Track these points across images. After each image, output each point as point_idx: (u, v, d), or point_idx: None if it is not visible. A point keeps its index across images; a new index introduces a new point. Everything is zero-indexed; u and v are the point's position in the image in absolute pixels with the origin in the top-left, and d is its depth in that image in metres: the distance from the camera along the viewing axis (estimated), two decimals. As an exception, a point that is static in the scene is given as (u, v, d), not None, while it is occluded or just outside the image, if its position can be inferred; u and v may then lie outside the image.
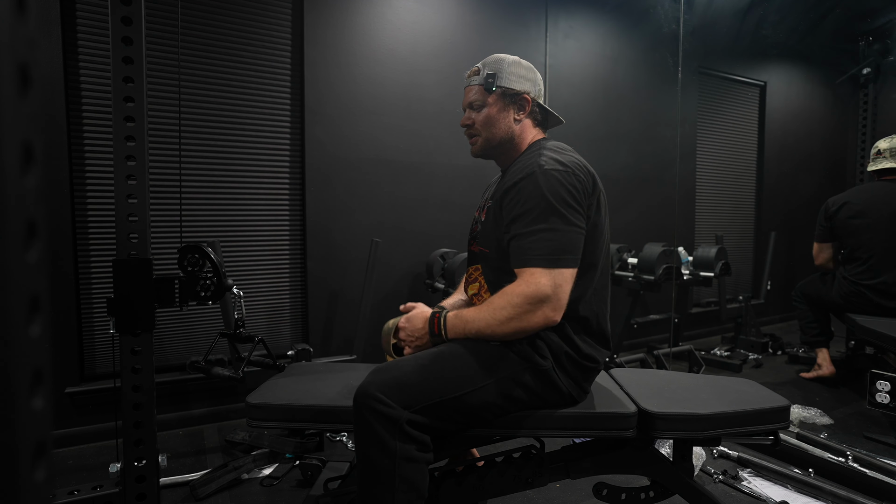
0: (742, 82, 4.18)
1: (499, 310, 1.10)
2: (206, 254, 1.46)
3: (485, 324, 1.12)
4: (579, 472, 1.27)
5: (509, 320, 1.09)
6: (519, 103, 1.27)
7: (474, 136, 1.30)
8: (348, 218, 2.66)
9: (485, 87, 1.25)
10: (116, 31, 1.31)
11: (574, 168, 1.15)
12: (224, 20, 2.37)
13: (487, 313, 1.12)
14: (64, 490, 1.52)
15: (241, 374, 1.80)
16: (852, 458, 1.80)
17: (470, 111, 1.30)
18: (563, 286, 1.09)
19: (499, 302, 1.11)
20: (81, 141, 2.14)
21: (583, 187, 1.14)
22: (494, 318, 1.10)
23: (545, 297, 1.07)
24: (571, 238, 1.11)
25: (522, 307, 1.08)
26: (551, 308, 1.08)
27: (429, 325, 1.19)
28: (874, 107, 3.63)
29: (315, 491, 1.65)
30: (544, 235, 1.09)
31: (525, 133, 1.30)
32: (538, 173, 1.13)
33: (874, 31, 3.68)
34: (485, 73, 1.26)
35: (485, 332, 1.12)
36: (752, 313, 3.49)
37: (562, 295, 1.09)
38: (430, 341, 1.20)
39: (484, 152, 1.31)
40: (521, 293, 1.09)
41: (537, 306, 1.08)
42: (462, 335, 1.15)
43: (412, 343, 1.22)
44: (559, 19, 3.22)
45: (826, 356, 2.86)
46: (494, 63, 1.27)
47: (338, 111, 2.61)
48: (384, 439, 1.02)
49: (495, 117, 1.26)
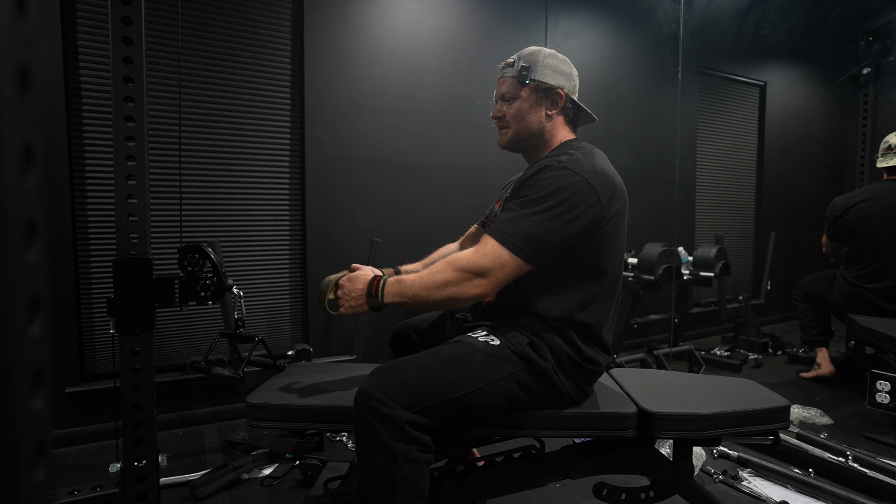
0: (742, 82, 4.18)
1: (438, 274, 1.11)
2: (206, 254, 1.46)
3: (421, 286, 1.11)
4: (579, 472, 1.27)
5: (446, 285, 1.09)
6: (552, 98, 1.25)
7: (504, 128, 1.29)
8: (348, 218, 2.66)
9: (518, 79, 1.24)
10: (116, 31, 1.31)
11: (590, 176, 1.12)
12: (224, 20, 2.37)
13: (427, 277, 1.11)
14: (64, 490, 1.52)
15: (242, 374, 1.80)
16: (852, 458, 1.80)
17: (501, 103, 1.28)
18: (506, 269, 1.09)
19: (443, 266, 1.12)
20: (81, 141, 2.14)
21: (591, 197, 1.11)
22: (432, 282, 1.10)
23: (484, 269, 1.08)
24: (543, 237, 1.09)
25: (463, 274, 1.09)
26: (488, 282, 1.09)
27: (367, 286, 1.16)
28: (874, 107, 3.63)
29: (315, 491, 1.65)
30: (521, 219, 1.10)
31: (556, 130, 1.28)
32: (554, 168, 1.12)
33: (874, 31, 3.68)
34: (519, 66, 1.24)
35: (420, 296, 1.11)
36: (752, 313, 3.49)
37: (501, 275, 1.09)
38: (364, 303, 1.16)
39: (512, 145, 1.30)
40: (464, 260, 1.10)
41: (475, 277, 1.09)
42: (398, 299, 1.13)
43: (347, 303, 1.18)
44: (559, 19, 3.22)
45: (825, 355, 2.87)
46: (530, 55, 1.25)
47: (338, 111, 2.61)
48: (385, 440, 1.01)
49: (527, 111, 1.25)
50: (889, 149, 2.61)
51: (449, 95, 2.87)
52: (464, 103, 2.91)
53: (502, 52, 3.20)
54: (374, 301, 1.15)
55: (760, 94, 4.30)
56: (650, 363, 3.02)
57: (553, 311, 1.16)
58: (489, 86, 1.38)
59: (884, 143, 2.65)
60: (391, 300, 1.14)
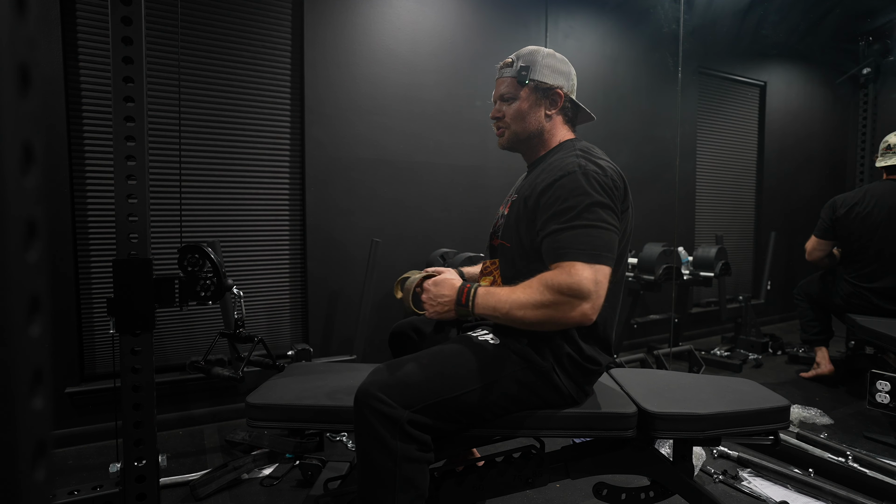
0: (742, 82, 4.18)
1: (535, 293, 1.04)
2: (206, 254, 1.46)
3: (518, 304, 1.05)
4: (579, 472, 1.27)
5: (544, 306, 1.03)
6: (551, 98, 1.25)
7: (502, 128, 1.29)
8: (348, 218, 2.66)
9: (517, 79, 1.24)
10: (116, 31, 1.31)
11: (611, 172, 1.14)
12: (224, 20, 2.37)
13: (522, 294, 1.06)
14: (64, 490, 1.52)
15: (241, 374, 1.80)
16: (852, 458, 1.79)
17: (500, 103, 1.28)
18: (603, 283, 1.05)
19: (536, 286, 1.05)
20: (81, 141, 2.14)
21: (619, 191, 1.14)
22: (529, 301, 1.04)
23: (587, 291, 1.02)
24: (611, 237, 1.09)
25: (561, 297, 1.02)
26: (590, 305, 1.03)
27: (457, 294, 1.13)
28: (874, 107, 3.63)
29: (315, 491, 1.65)
30: (586, 231, 1.06)
31: (555, 129, 1.28)
32: (579, 173, 1.11)
33: (874, 31, 3.68)
34: (518, 66, 1.24)
35: (514, 314, 1.06)
36: (752, 313, 3.49)
37: (602, 292, 1.05)
38: (453, 310, 1.13)
39: (511, 145, 1.30)
40: (562, 282, 1.02)
41: (576, 300, 1.02)
42: (490, 312, 1.09)
43: (433, 308, 1.16)
44: (559, 19, 3.22)
45: (825, 355, 2.87)
46: (528, 55, 1.25)
47: (338, 111, 2.61)
48: (385, 439, 1.01)
49: (526, 111, 1.25)
50: (888, 148, 2.60)
51: (449, 95, 2.87)
52: (464, 103, 2.91)
53: (502, 52, 3.18)
54: (464, 310, 1.12)
55: (760, 94, 4.30)
56: (650, 363, 3.02)
57: None
58: (489, 86, 1.38)
59: (883, 143, 2.64)
60: (482, 312, 1.10)
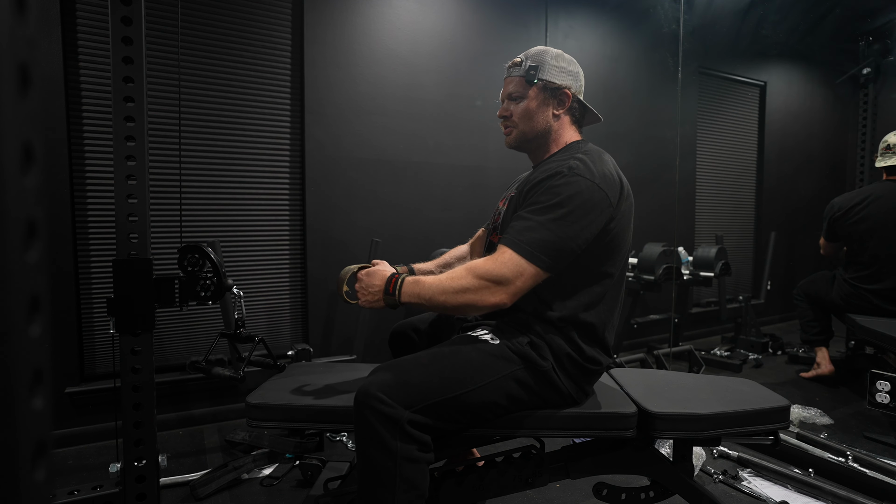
0: (742, 82, 4.18)
1: (457, 279, 1.10)
2: (206, 254, 1.46)
3: (440, 290, 1.10)
4: (579, 472, 1.27)
5: (464, 291, 1.08)
6: (559, 98, 1.26)
7: (510, 127, 1.29)
8: (348, 218, 2.66)
9: (526, 79, 1.24)
10: (116, 31, 1.31)
11: (601, 181, 1.13)
12: (224, 20, 2.38)
13: (445, 282, 1.10)
14: (64, 490, 1.52)
15: (242, 374, 1.80)
16: (852, 458, 1.80)
17: (508, 102, 1.28)
18: (525, 279, 1.09)
19: (459, 272, 1.11)
20: (81, 141, 2.14)
21: (603, 202, 1.12)
22: (451, 287, 1.09)
23: (504, 279, 1.07)
24: (560, 244, 1.09)
25: (482, 282, 1.08)
26: (507, 292, 1.08)
27: (385, 283, 1.15)
28: (874, 107, 3.63)
29: (315, 491, 1.65)
30: (537, 227, 1.09)
31: (562, 130, 1.28)
32: (566, 174, 1.12)
33: (874, 31, 3.68)
34: (527, 65, 1.24)
35: (437, 299, 1.10)
36: (752, 313, 3.49)
37: (520, 284, 1.09)
38: (381, 299, 1.16)
39: (518, 144, 1.30)
40: (482, 268, 1.09)
41: (494, 286, 1.08)
42: (415, 299, 1.12)
43: (364, 297, 1.18)
44: (559, 19, 3.22)
45: (825, 355, 2.87)
46: (537, 55, 1.25)
47: (338, 111, 2.61)
48: (385, 439, 1.01)
49: (534, 111, 1.25)
50: (888, 148, 2.60)
51: (449, 95, 2.87)
52: (464, 103, 2.91)
53: (502, 52, 3.21)
54: (391, 298, 1.14)
55: (760, 94, 4.30)
56: (650, 363, 3.02)
57: (558, 311, 1.17)
58: (489, 86, 1.38)
59: (883, 143, 2.63)
60: (408, 300, 1.13)
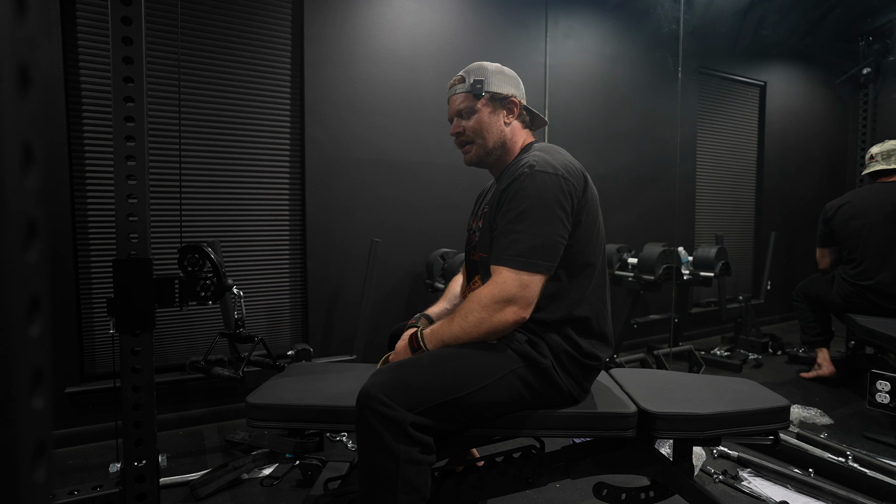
0: (742, 82, 4.18)
1: (469, 314, 1.12)
2: (206, 254, 1.46)
3: (460, 329, 1.13)
4: (579, 472, 1.27)
5: (480, 323, 1.11)
6: (507, 107, 1.29)
7: (467, 143, 1.31)
8: (348, 218, 2.66)
9: (473, 93, 1.26)
10: (116, 31, 1.31)
11: (564, 171, 1.15)
12: (224, 20, 2.37)
13: (459, 321, 1.14)
14: (64, 490, 1.52)
15: (242, 374, 1.80)
16: (852, 458, 1.80)
17: (458, 119, 1.31)
18: (531, 287, 1.10)
19: (468, 307, 1.13)
20: (81, 141, 2.14)
21: (572, 191, 1.15)
22: (467, 324, 1.12)
23: (511, 296, 1.09)
24: (548, 242, 1.11)
25: (490, 308, 1.10)
26: (520, 306, 1.09)
27: (409, 345, 1.20)
28: (874, 107, 3.63)
29: (315, 491, 1.65)
30: (520, 236, 1.10)
31: (516, 136, 1.31)
32: (527, 175, 1.14)
33: (874, 31, 3.68)
34: (471, 80, 1.27)
35: (461, 338, 1.14)
36: (752, 313, 3.49)
37: (529, 294, 1.10)
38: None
39: (479, 159, 1.31)
40: (487, 294, 1.10)
41: (505, 305, 1.09)
42: (442, 344, 1.16)
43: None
44: (559, 19, 3.22)
45: (826, 356, 2.87)
46: (478, 70, 1.28)
47: (338, 111, 2.61)
48: (387, 442, 1.01)
49: (486, 121, 1.27)
50: (871, 157, 2.72)
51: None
52: (464, 103, 2.91)
53: (502, 52, 3.21)
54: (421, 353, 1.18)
55: (760, 94, 4.30)
56: (650, 363, 3.02)
57: (551, 313, 1.17)
58: (489, 86, 1.38)
59: (867, 155, 2.76)
60: (434, 346, 1.17)
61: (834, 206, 2.74)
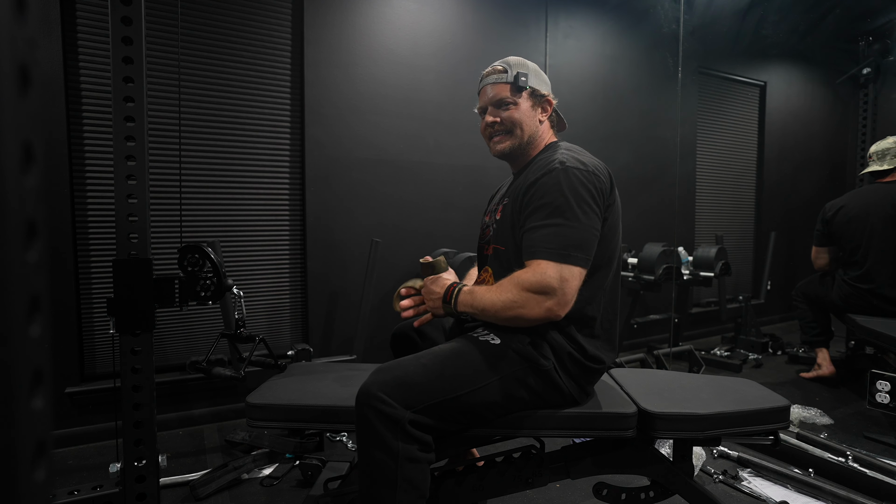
0: (742, 82, 4.18)
1: (505, 291, 1.10)
2: (206, 254, 1.46)
3: (490, 302, 1.11)
4: (579, 472, 1.27)
5: (512, 304, 1.08)
6: (543, 105, 1.31)
7: (501, 133, 1.29)
8: (348, 218, 2.66)
9: (517, 85, 1.26)
10: (116, 31, 1.31)
11: (594, 169, 1.17)
12: (224, 20, 2.37)
13: (495, 293, 1.12)
14: (64, 490, 1.52)
15: (242, 374, 1.80)
16: (852, 458, 1.79)
17: (495, 109, 1.29)
18: (571, 282, 1.08)
19: (506, 285, 1.11)
20: (81, 141, 2.14)
21: (602, 188, 1.16)
22: (499, 299, 1.10)
23: (550, 288, 1.06)
24: (585, 236, 1.11)
25: (528, 295, 1.07)
26: (556, 302, 1.07)
27: (444, 291, 1.20)
28: (874, 107, 3.63)
29: (315, 491, 1.65)
30: (557, 230, 1.10)
31: (544, 134, 1.33)
32: (560, 170, 1.14)
33: (874, 31, 3.68)
34: (515, 72, 1.27)
35: (488, 311, 1.12)
36: (752, 313, 3.49)
37: (568, 290, 1.08)
38: (440, 307, 1.21)
39: (512, 151, 1.30)
40: (527, 280, 1.08)
41: (541, 297, 1.07)
42: (469, 309, 1.16)
43: (428, 302, 1.24)
44: (559, 19, 3.22)
45: (826, 356, 2.87)
46: (520, 64, 1.29)
47: (338, 111, 2.61)
48: (386, 439, 1.01)
49: (527, 115, 1.28)
50: (870, 157, 2.71)
51: (449, 96, 2.87)
52: (464, 103, 2.91)
53: (502, 53, 3.18)
54: (448, 307, 1.19)
55: (760, 94, 4.30)
56: (650, 363, 3.02)
57: None
58: (489, 86, 1.37)
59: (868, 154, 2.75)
60: (463, 309, 1.17)
61: (834, 206, 2.73)
